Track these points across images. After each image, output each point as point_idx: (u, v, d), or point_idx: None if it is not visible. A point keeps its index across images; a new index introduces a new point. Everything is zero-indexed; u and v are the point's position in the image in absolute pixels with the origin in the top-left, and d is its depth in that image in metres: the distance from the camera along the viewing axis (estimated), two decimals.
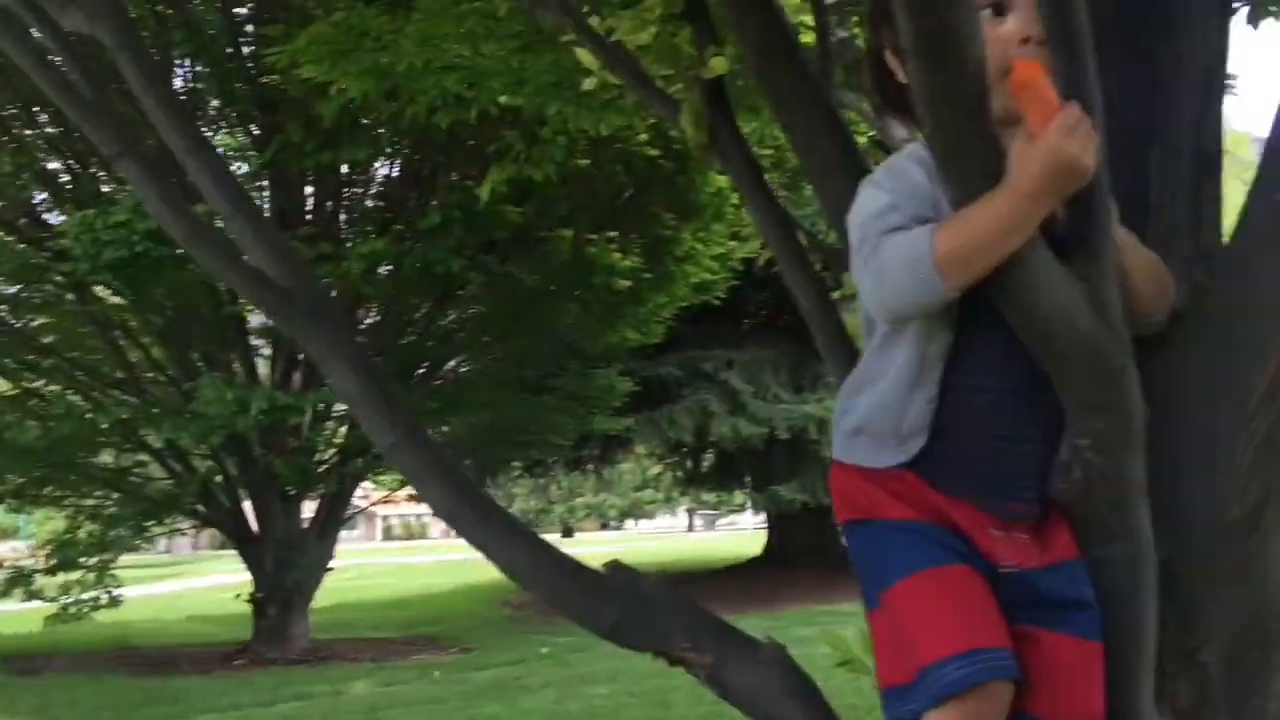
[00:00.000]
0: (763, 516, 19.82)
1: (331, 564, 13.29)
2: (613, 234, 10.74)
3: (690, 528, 51.00)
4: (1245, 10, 4.36)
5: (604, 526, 53.26)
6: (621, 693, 7.35)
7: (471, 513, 1.93)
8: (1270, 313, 1.48)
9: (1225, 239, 1.74)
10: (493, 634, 12.64)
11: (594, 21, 2.59)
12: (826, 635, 2.33)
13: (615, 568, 1.88)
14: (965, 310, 1.46)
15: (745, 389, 14.48)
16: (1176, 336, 1.64)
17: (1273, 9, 4.10)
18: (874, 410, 1.54)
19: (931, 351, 1.50)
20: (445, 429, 13.74)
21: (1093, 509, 1.50)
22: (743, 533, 34.29)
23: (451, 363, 12.68)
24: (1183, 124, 1.74)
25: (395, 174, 11.60)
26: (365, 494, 16.87)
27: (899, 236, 1.43)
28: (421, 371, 12.42)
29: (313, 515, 12.49)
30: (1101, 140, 1.38)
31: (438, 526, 66.70)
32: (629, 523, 54.87)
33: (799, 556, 15.90)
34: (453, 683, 8.62)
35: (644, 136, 9.00)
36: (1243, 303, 1.54)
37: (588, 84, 3.25)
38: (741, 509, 34.96)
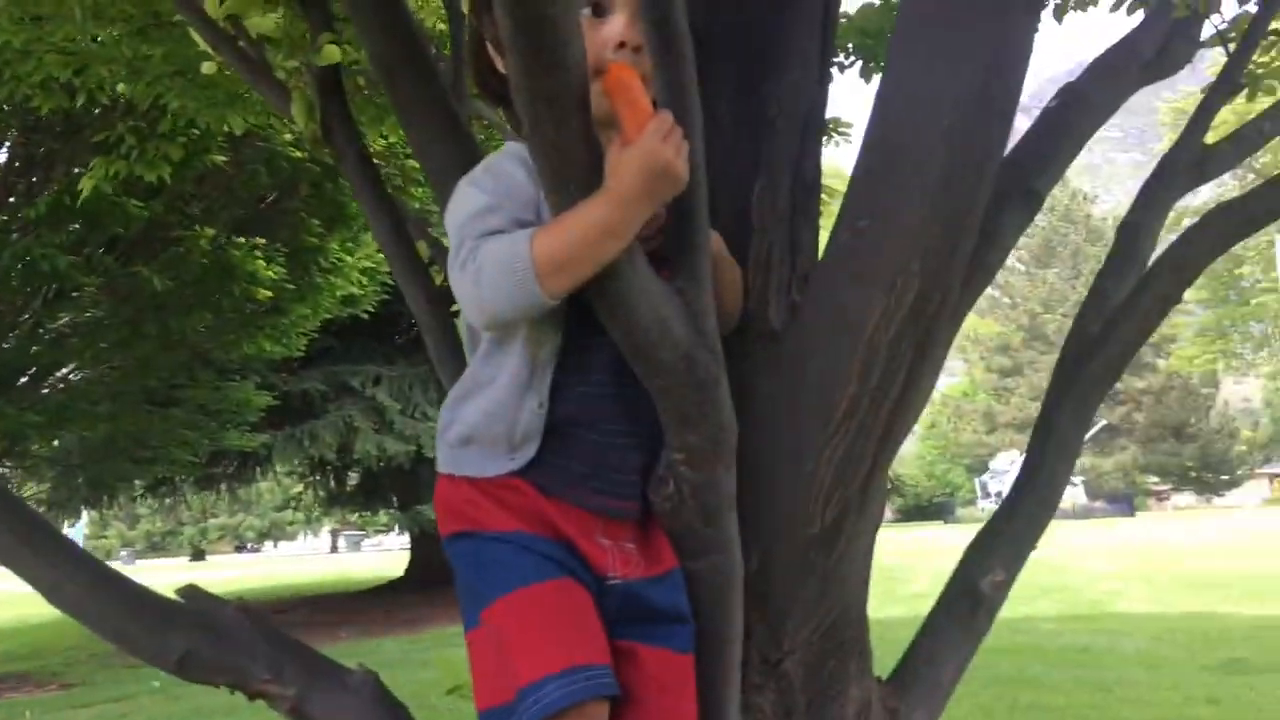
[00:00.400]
0: (407, 537, 19.44)
1: None
2: (257, 240, 10.10)
3: (334, 548, 49.33)
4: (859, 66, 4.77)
5: (240, 549, 50.54)
6: None
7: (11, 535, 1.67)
8: (851, 331, 1.54)
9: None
10: (98, 668, 11.51)
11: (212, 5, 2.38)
12: (438, 659, 2.24)
13: (190, 593, 1.69)
14: (573, 311, 1.44)
15: (392, 405, 14.12)
16: (770, 355, 1.69)
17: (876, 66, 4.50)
18: (484, 418, 1.49)
19: (541, 356, 1.47)
20: (55, 443, 12.46)
21: (686, 522, 1.50)
22: (388, 553, 33.54)
23: (63, 370, 11.49)
24: (783, 158, 1.80)
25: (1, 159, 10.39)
26: None
27: (498, 240, 1.38)
28: (26, 379, 11.17)
29: None
30: (702, 154, 1.38)
31: None
32: (268, 545, 52.35)
33: (441, 577, 15.68)
34: None
35: (288, 136, 8.56)
36: (828, 322, 1.60)
37: (206, 68, 3.01)
38: (387, 529, 34.19)
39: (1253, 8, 2.66)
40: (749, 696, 1.65)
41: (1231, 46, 2.59)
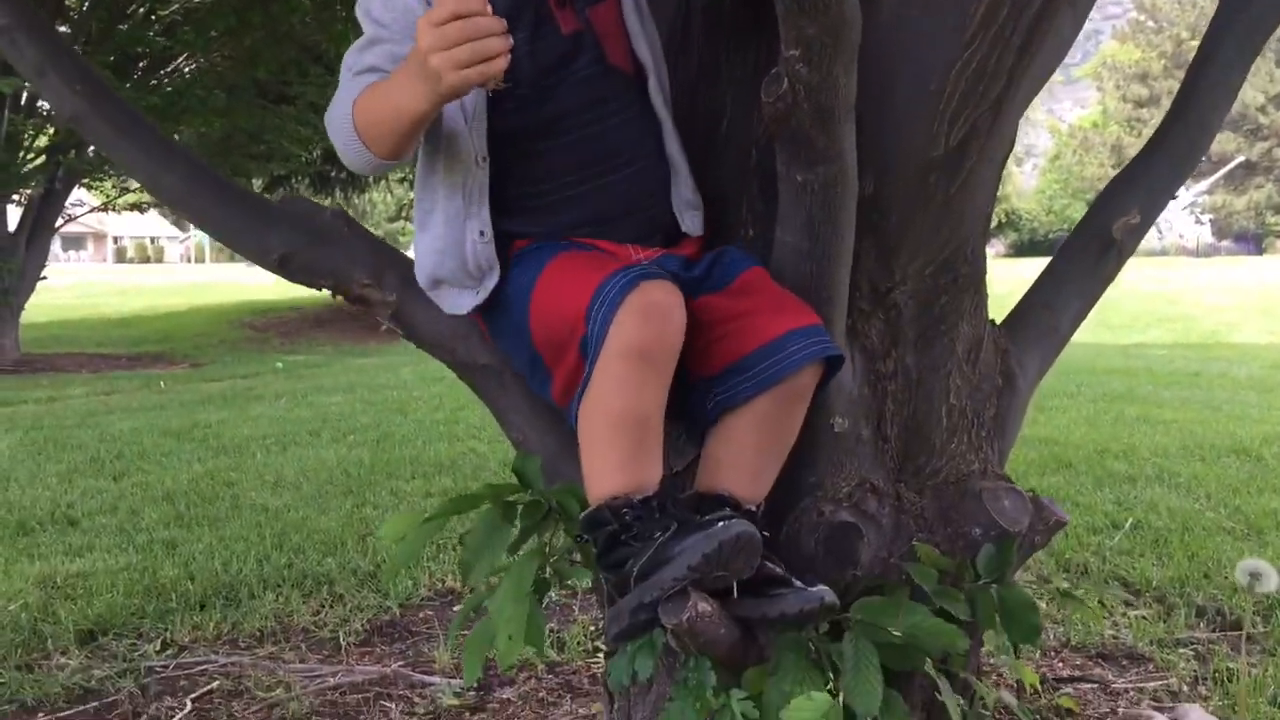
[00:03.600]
0: None
1: (46, 274, 12.35)
2: None
3: None
4: None
5: None
6: (357, 401, 7.25)
7: (129, 140, 1.65)
8: None
9: None
10: (227, 352, 12.21)
11: None
12: None
13: (288, 198, 1.67)
14: (498, 132, 1.45)
15: None
16: None
17: None
18: (437, 256, 1.50)
19: (469, 185, 1.46)
20: (175, 138, 12.68)
21: (798, 126, 1.39)
22: None
23: (177, 61, 11.53)
24: None
25: None
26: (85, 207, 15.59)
27: (347, 90, 1.36)
28: (143, 67, 11.26)
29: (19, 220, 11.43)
30: None
31: (175, 250, 63.44)
32: None
33: None
34: (178, 392, 8.28)
35: None
36: None
37: None
38: None
39: None
40: (856, 323, 1.59)
41: None
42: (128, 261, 53.90)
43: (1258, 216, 44.21)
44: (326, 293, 1.66)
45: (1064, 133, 53.29)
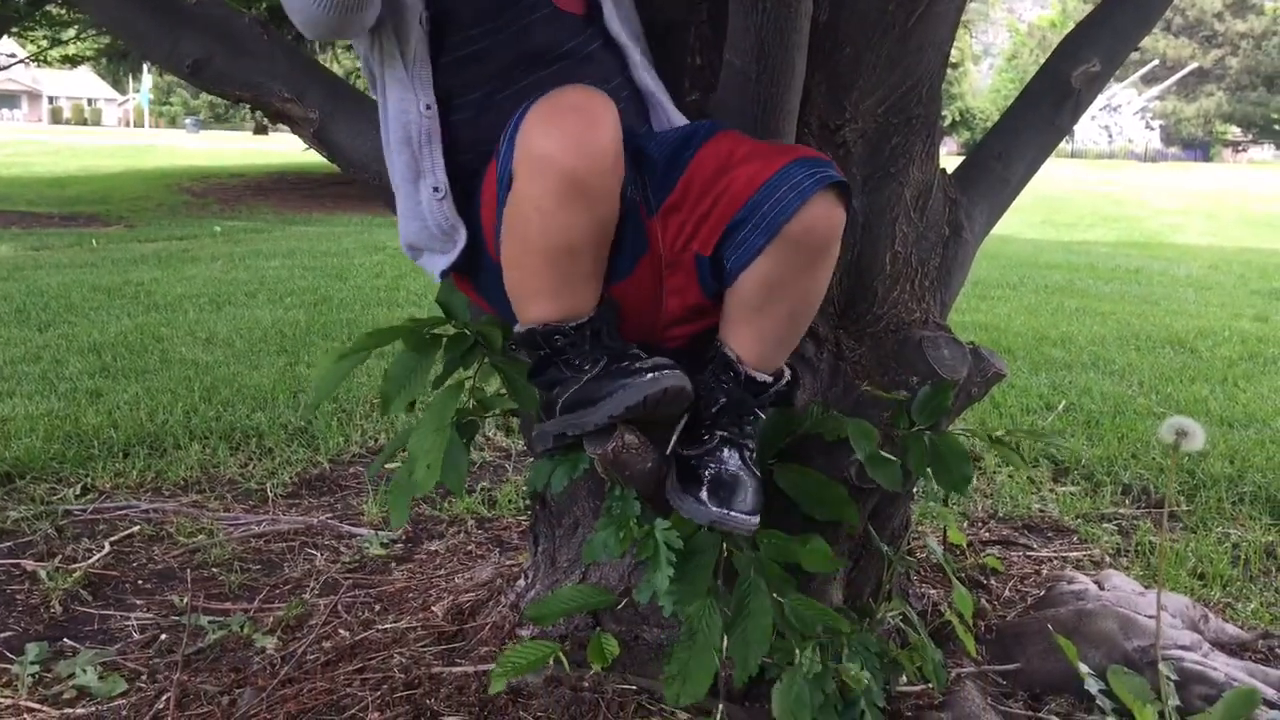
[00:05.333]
0: None
1: None
2: None
3: None
4: None
5: None
6: (296, 266, 7.08)
7: None
8: None
9: None
10: (165, 215, 11.86)
11: None
12: None
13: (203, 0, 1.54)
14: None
15: None
16: None
17: None
18: (403, 220, 1.41)
19: (415, 137, 1.36)
20: None
21: None
22: None
23: None
24: None
25: None
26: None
27: None
28: None
29: None
30: None
31: (114, 113, 61.30)
32: None
33: None
34: (111, 251, 8.04)
35: None
36: None
37: None
38: None
39: None
40: None
41: None
42: (64, 123, 52.00)
43: (1206, 124, 44.47)
44: (270, 160, 1.56)
45: (1022, 32, 52.81)
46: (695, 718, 1.54)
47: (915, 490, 1.56)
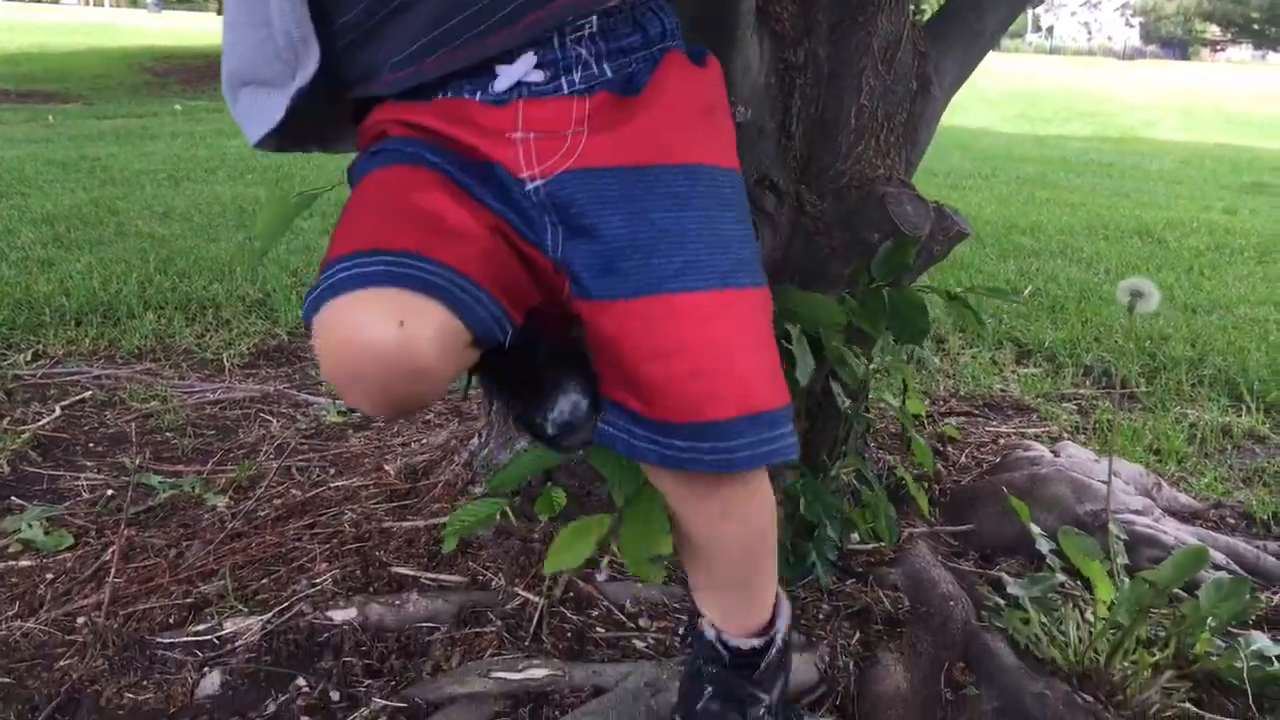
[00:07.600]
0: None
1: None
2: None
3: None
4: None
5: None
6: None
7: None
8: None
9: None
10: (125, 93, 11.55)
11: None
12: None
13: None
14: None
15: None
16: None
17: None
18: (229, 48, 1.03)
19: None
20: None
21: None
22: None
23: None
24: None
25: None
26: None
27: None
28: None
29: None
30: None
31: None
32: None
33: None
34: (68, 127, 7.83)
35: None
36: None
37: None
38: None
39: None
40: (768, 2, 1.46)
41: None
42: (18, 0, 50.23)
43: (1186, 22, 43.96)
44: None
45: None
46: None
47: (875, 350, 1.54)
